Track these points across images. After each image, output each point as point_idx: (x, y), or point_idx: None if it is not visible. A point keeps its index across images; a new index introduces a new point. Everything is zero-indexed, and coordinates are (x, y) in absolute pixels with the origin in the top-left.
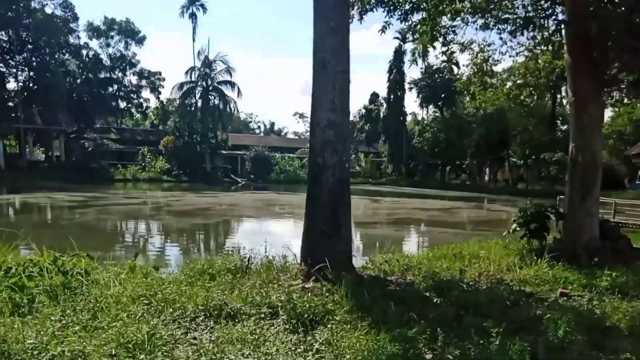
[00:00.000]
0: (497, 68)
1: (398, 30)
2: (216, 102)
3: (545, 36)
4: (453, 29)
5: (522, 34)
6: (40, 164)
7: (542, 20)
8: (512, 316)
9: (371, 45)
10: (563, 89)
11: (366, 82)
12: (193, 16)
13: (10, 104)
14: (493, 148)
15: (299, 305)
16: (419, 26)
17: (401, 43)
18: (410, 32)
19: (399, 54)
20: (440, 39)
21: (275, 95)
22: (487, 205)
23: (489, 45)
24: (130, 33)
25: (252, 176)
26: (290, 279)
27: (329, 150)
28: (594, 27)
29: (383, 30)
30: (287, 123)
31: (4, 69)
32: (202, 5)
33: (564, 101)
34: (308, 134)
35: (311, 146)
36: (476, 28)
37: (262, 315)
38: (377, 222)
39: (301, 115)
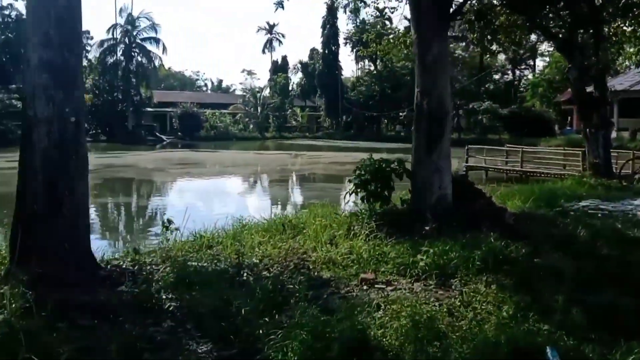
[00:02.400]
0: None
1: None
2: (139, 59)
3: None
4: None
5: None
6: None
7: None
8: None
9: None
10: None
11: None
12: None
13: None
14: None
15: None
16: None
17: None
18: None
19: (332, 10)
20: None
21: (225, 52)
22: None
23: None
24: None
25: (179, 134)
26: None
27: (41, 99)
28: None
29: None
30: (236, 80)
31: None
32: None
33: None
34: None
35: (23, 94)
36: None
37: None
38: (275, 179)
39: (249, 72)
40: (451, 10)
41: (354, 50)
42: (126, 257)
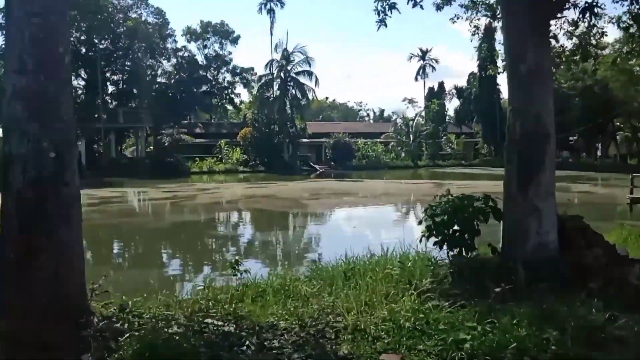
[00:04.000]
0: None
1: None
2: (294, 92)
3: None
4: None
5: None
6: (122, 161)
7: None
8: None
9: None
10: None
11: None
12: (271, 12)
13: (111, 106)
14: (596, 122)
15: None
16: None
17: (491, 20)
18: None
19: (489, 31)
20: None
21: (387, 83)
22: (574, 186)
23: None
24: (224, 34)
25: (332, 163)
26: None
27: (15, 133)
28: None
29: None
30: (398, 109)
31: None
32: (279, 1)
33: None
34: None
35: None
36: None
37: None
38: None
39: (410, 101)
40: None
41: None
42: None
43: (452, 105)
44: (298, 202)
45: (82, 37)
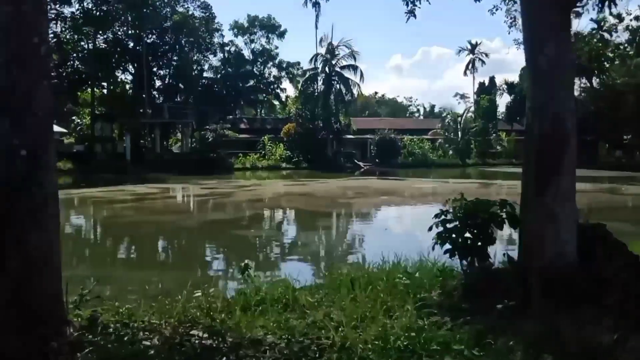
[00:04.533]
0: None
1: None
2: (338, 87)
3: None
4: None
5: None
6: (166, 156)
7: None
8: None
9: None
10: None
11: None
12: (317, 4)
13: (158, 101)
14: None
15: None
16: None
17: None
18: None
19: None
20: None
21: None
22: (624, 187)
23: None
24: (271, 28)
25: (377, 160)
26: None
27: None
28: None
29: None
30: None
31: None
32: None
33: None
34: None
35: None
36: None
37: None
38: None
39: (462, 96)
40: None
41: None
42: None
43: (503, 100)
44: (334, 202)
45: (130, 32)
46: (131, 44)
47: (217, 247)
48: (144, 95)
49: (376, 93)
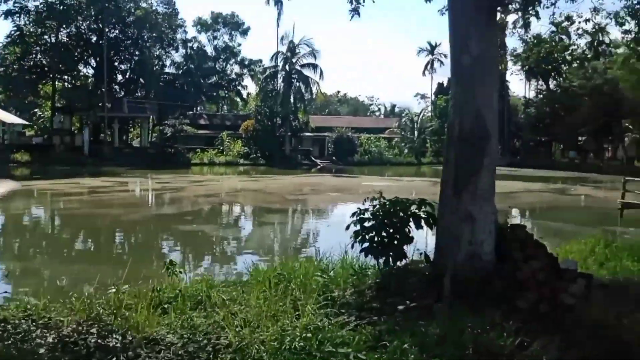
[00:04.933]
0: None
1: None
2: (298, 85)
3: None
4: None
5: None
6: (124, 150)
7: None
8: None
9: None
10: None
11: None
12: (279, 2)
13: (118, 95)
14: (604, 122)
15: None
16: None
17: (501, 15)
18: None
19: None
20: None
21: (398, 77)
22: (573, 188)
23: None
24: (234, 25)
25: (334, 158)
26: None
27: None
28: None
29: None
30: (409, 104)
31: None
32: None
33: None
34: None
35: None
36: None
37: None
38: None
39: (422, 96)
40: None
41: (523, 68)
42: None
43: None
44: (284, 198)
45: (93, 26)
46: (94, 38)
47: (155, 242)
48: (104, 89)
49: (338, 92)
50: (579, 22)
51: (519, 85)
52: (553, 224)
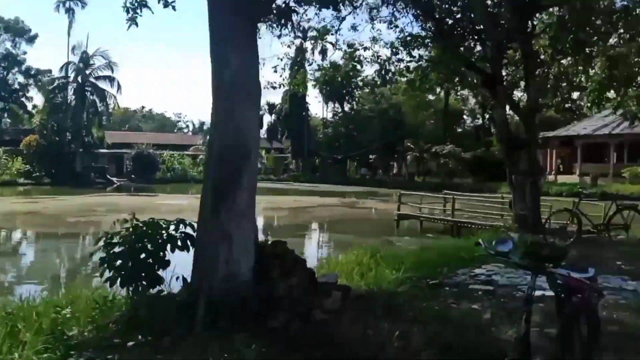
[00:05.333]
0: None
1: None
2: (92, 98)
3: None
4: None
5: None
6: None
7: None
8: None
9: None
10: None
11: None
12: (70, 11)
13: None
14: (390, 142)
15: None
16: None
17: (302, 41)
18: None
19: (300, 50)
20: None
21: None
22: (362, 201)
23: None
24: (19, 31)
25: (132, 176)
26: None
27: None
28: None
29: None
30: None
31: None
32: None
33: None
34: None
35: None
36: None
37: None
38: None
39: None
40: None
41: (322, 91)
42: None
43: (265, 120)
44: (60, 221)
45: None
46: None
47: None
48: None
49: (143, 107)
50: (358, 50)
51: (318, 107)
52: (339, 235)
